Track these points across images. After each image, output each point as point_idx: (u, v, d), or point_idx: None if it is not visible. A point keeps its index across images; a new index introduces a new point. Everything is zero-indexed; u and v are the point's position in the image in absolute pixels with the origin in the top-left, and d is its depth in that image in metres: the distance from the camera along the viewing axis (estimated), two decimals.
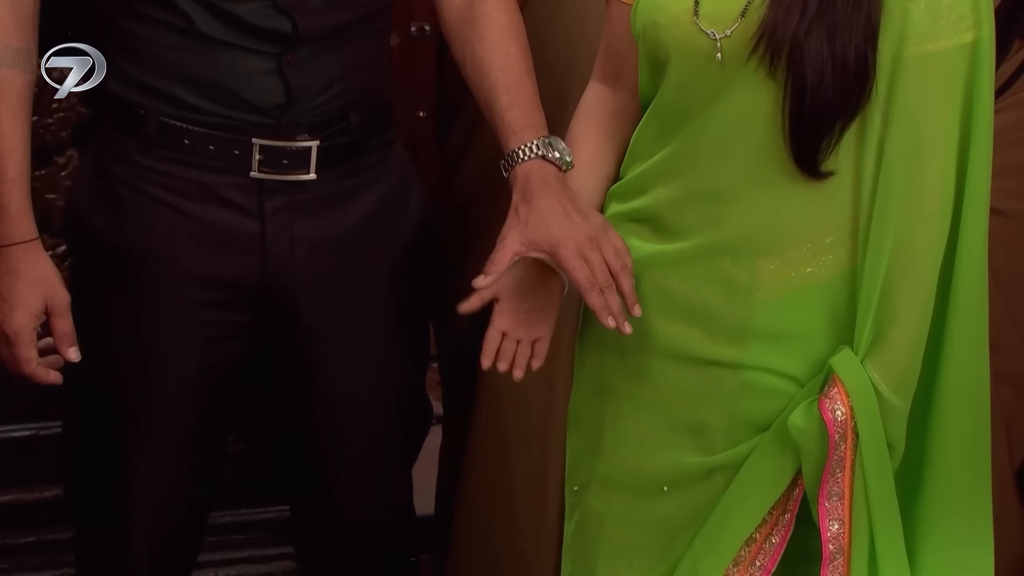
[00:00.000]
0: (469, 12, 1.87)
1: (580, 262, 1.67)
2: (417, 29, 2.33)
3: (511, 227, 1.71)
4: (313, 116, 1.81)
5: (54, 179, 2.26)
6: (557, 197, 1.72)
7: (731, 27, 1.61)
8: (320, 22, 1.78)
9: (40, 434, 2.53)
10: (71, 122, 2.30)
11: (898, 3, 1.57)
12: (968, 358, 1.67)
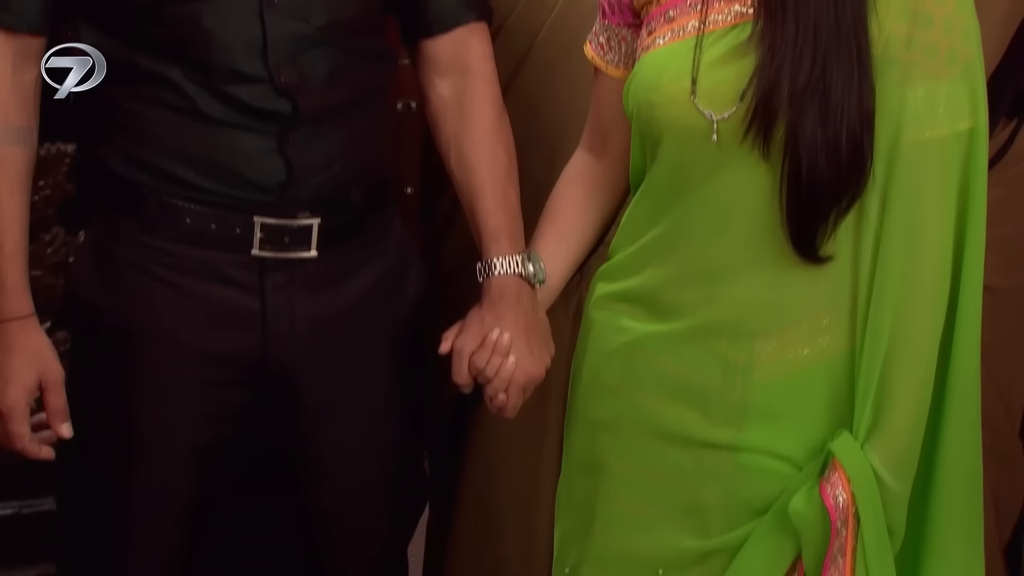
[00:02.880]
0: (457, 105, 1.93)
1: (517, 394, 1.88)
2: (404, 106, 2.37)
3: (470, 335, 1.85)
4: (314, 194, 1.85)
5: (40, 256, 2.28)
6: (524, 322, 1.86)
7: (729, 109, 1.64)
8: (320, 102, 1.82)
9: (23, 512, 2.53)
10: (57, 200, 2.33)
11: (895, 89, 1.62)
12: (965, 438, 1.71)
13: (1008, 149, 2.18)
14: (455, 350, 1.88)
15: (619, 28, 1.82)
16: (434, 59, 1.94)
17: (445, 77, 1.94)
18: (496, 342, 1.85)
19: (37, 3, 1.78)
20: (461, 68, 1.94)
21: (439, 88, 1.95)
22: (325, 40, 1.81)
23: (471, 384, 1.90)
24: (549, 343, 1.92)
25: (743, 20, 1.66)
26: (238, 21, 1.76)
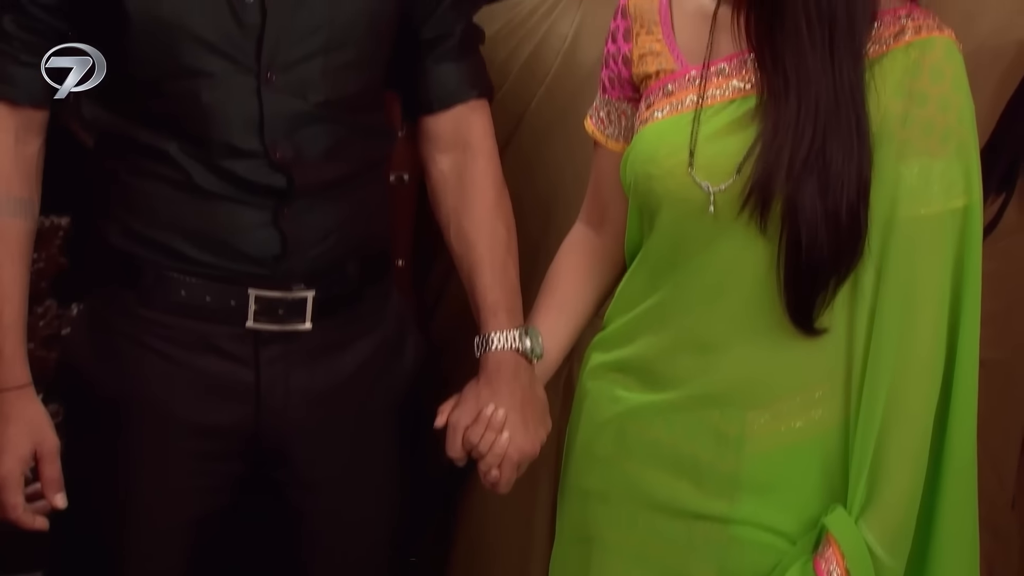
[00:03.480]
0: (458, 180, 1.95)
1: (510, 471, 1.87)
2: (396, 178, 2.38)
3: (465, 410, 1.86)
4: (309, 267, 1.85)
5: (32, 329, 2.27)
6: (520, 397, 1.87)
7: (726, 182, 1.67)
8: (316, 176, 1.83)
9: None
10: (50, 273, 2.33)
11: (890, 165, 1.64)
12: (962, 514, 1.72)
13: (997, 223, 2.20)
14: (449, 424, 1.88)
15: (619, 102, 1.85)
16: (435, 135, 1.96)
17: (446, 153, 1.96)
18: (490, 418, 1.86)
19: (40, 79, 1.80)
20: (462, 144, 1.96)
21: (440, 164, 1.97)
22: (323, 117, 1.82)
23: (464, 458, 1.90)
24: (546, 419, 1.92)
25: (741, 95, 1.68)
26: (236, 98, 1.78)
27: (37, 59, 1.80)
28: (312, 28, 1.80)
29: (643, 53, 1.79)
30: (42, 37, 1.80)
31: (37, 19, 1.78)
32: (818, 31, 1.61)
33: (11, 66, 1.80)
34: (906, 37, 1.66)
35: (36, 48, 1.80)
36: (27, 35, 1.79)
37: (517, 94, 2.30)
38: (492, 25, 2.24)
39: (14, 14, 1.78)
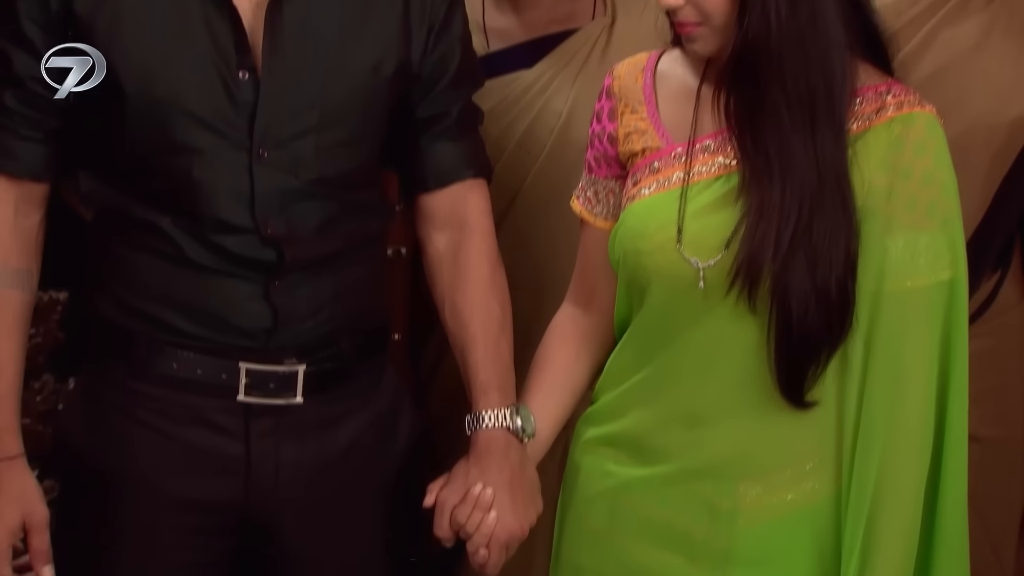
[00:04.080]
0: (453, 258, 1.96)
1: (499, 552, 1.86)
2: (394, 252, 2.39)
3: (453, 489, 1.86)
4: (301, 341, 1.86)
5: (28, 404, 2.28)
6: (509, 477, 1.86)
7: (715, 257, 1.69)
8: (308, 251, 1.84)
9: None
10: (48, 347, 2.34)
11: (876, 239, 1.66)
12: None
13: (994, 300, 2.21)
14: (437, 503, 1.87)
15: (606, 181, 1.87)
16: (431, 213, 1.97)
17: (442, 231, 1.97)
18: (479, 497, 1.85)
19: (40, 152, 1.83)
20: (458, 223, 1.96)
21: (436, 241, 1.98)
22: (316, 193, 1.84)
23: (452, 539, 1.89)
24: (536, 499, 1.91)
25: (727, 172, 1.70)
26: (227, 174, 1.80)
27: (37, 133, 1.83)
28: (305, 106, 1.81)
29: (629, 131, 1.81)
30: (42, 112, 1.82)
31: (37, 95, 1.81)
32: (798, 112, 1.65)
33: (11, 140, 1.82)
34: (888, 113, 1.69)
35: (35, 123, 1.82)
36: (27, 110, 1.82)
37: (512, 171, 2.32)
38: (487, 102, 2.25)
39: (14, 89, 1.81)
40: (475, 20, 2.36)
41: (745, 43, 1.64)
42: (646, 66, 1.84)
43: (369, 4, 1.86)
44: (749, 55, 1.64)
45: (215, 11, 1.77)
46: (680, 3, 1.68)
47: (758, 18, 1.63)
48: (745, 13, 1.64)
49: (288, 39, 1.79)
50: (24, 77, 1.80)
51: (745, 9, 1.64)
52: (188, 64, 1.77)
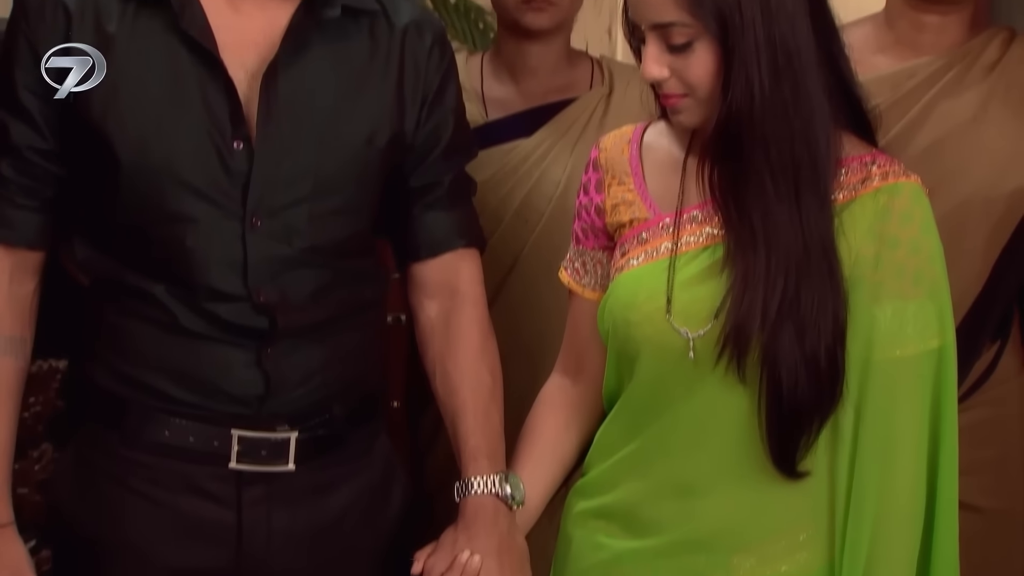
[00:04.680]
0: (444, 327, 1.97)
1: None
2: (393, 319, 2.40)
3: (440, 556, 1.85)
4: (293, 407, 1.86)
5: (27, 473, 2.29)
6: (498, 544, 1.86)
7: (704, 327, 1.69)
8: (300, 319, 1.85)
9: None
10: (47, 416, 2.35)
11: (864, 308, 1.67)
12: None
13: (993, 370, 2.20)
14: (424, 570, 1.87)
15: (594, 252, 1.88)
16: (423, 281, 1.99)
17: (433, 299, 1.98)
18: (465, 564, 1.84)
19: (36, 221, 1.85)
20: (449, 291, 1.98)
21: (427, 309, 1.99)
22: (308, 262, 1.85)
23: None
24: (524, 568, 1.90)
25: (715, 242, 1.71)
26: (220, 243, 1.81)
27: (33, 202, 1.84)
28: (299, 176, 1.83)
29: (616, 203, 1.82)
30: (38, 181, 1.84)
31: (33, 164, 1.83)
32: (782, 182, 1.65)
33: (7, 209, 1.84)
34: (874, 183, 1.70)
35: (32, 191, 1.84)
36: (23, 179, 1.83)
37: (509, 239, 2.34)
38: (485, 171, 2.29)
39: (11, 159, 1.83)
40: (474, 89, 2.40)
41: (729, 115, 1.65)
42: (632, 138, 1.85)
43: (364, 75, 1.88)
44: (733, 126, 1.66)
45: (211, 81, 1.79)
46: (665, 76, 1.69)
47: (742, 90, 1.64)
48: (729, 85, 1.65)
49: (283, 109, 1.81)
50: (21, 147, 1.82)
51: (729, 81, 1.65)
52: (183, 133, 1.79)
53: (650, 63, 1.69)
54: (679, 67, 1.68)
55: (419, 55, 1.91)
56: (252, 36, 1.82)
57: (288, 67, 1.81)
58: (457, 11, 4.05)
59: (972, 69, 2.17)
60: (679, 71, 1.68)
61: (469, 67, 2.45)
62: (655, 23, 1.67)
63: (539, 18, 2.35)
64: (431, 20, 1.97)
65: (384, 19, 1.90)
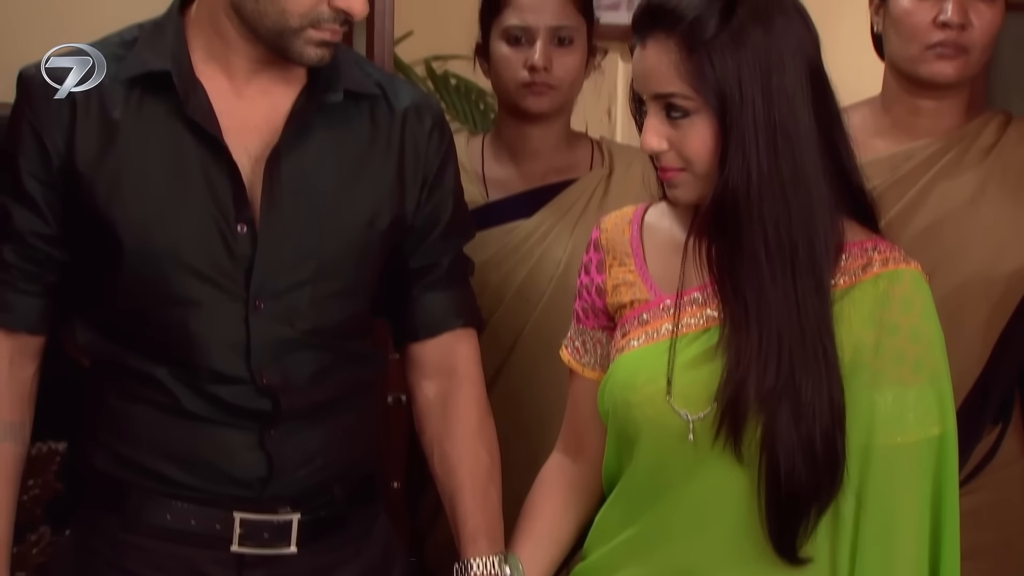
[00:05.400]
0: (441, 407, 1.98)
1: None
2: (394, 399, 2.41)
3: None
4: (295, 489, 1.87)
5: (24, 557, 2.29)
6: None
7: (704, 410, 1.69)
8: (303, 400, 1.86)
9: None
10: (45, 499, 2.34)
11: (865, 394, 1.67)
12: None
13: (995, 454, 2.20)
14: None
15: (594, 331, 1.88)
16: (421, 362, 2.00)
17: (431, 379, 1.99)
18: None
19: (37, 305, 1.86)
20: (447, 371, 1.98)
21: (425, 390, 2.00)
22: (310, 344, 1.86)
23: None
24: None
25: (715, 324, 1.72)
26: (223, 326, 1.82)
27: (35, 287, 1.85)
28: (302, 258, 1.84)
29: (617, 283, 1.83)
30: (40, 266, 1.85)
31: (36, 249, 1.84)
32: (778, 262, 1.66)
33: (9, 293, 1.85)
34: (874, 269, 1.71)
35: (34, 276, 1.85)
36: (26, 264, 1.84)
37: (509, 320, 2.35)
38: (487, 251, 2.30)
39: (13, 244, 1.84)
40: (474, 170, 2.43)
41: (725, 191, 1.67)
42: (633, 219, 1.86)
43: (365, 158, 1.90)
44: (729, 203, 1.67)
45: (215, 165, 1.81)
46: (664, 148, 1.71)
47: (738, 168, 1.65)
48: (726, 162, 1.66)
49: (286, 193, 1.83)
50: (24, 232, 1.83)
51: (726, 158, 1.66)
52: (187, 218, 1.81)
53: (649, 134, 1.71)
54: (677, 140, 1.70)
55: (419, 138, 1.94)
56: (255, 121, 1.84)
57: (291, 151, 1.83)
58: (458, 92, 4.08)
59: (969, 152, 2.19)
60: (677, 144, 1.70)
61: (470, 149, 2.47)
62: (657, 93, 1.69)
63: (539, 102, 2.37)
64: (430, 103, 2.00)
65: (384, 102, 1.92)
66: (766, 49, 1.65)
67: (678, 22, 1.66)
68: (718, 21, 1.65)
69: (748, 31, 1.65)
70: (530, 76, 2.35)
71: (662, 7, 1.68)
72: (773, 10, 1.67)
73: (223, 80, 1.84)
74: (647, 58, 1.70)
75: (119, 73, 1.82)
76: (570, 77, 2.38)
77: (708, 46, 1.65)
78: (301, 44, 1.79)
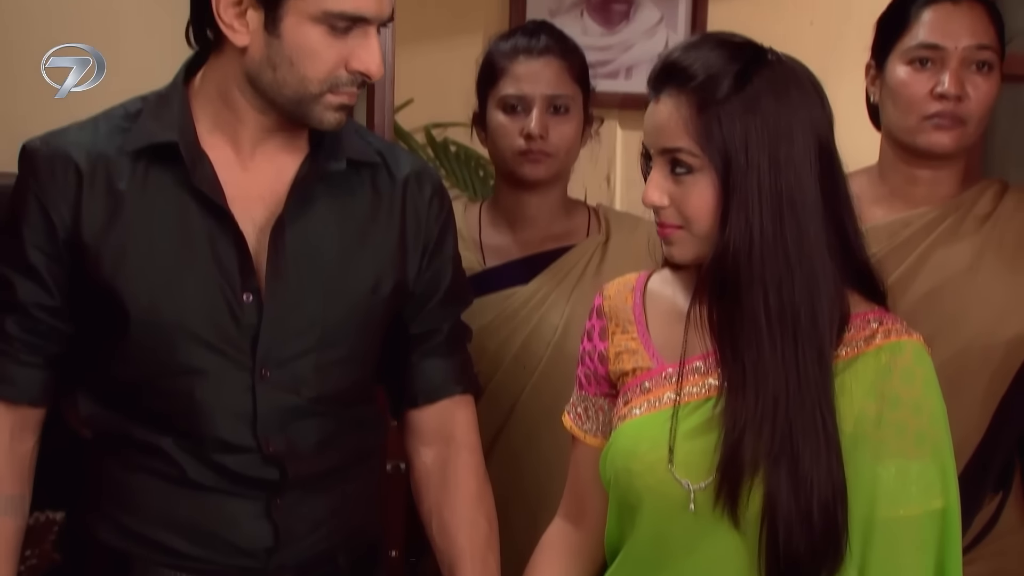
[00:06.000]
0: (440, 474, 1.99)
1: None
2: (393, 467, 2.40)
3: None
4: (300, 558, 1.87)
5: None
6: None
7: (706, 479, 1.69)
8: (309, 468, 1.86)
9: None
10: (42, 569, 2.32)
11: (867, 466, 1.67)
12: None
13: (995, 523, 2.19)
14: None
15: (596, 398, 1.88)
16: (419, 428, 2.01)
17: (429, 446, 2.00)
18: None
19: (39, 377, 1.86)
20: (445, 438, 2.00)
21: (423, 456, 2.01)
22: (315, 411, 1.87)
23: None
24: None
25: (717, 393, 1.72)
26: (230, 394, 1.83)
27: (38, 358, 1.86)
28: (307, 326, 1.85)
29: (619, 351, 1.83)
30: (44, 338, 1.85)
31: (40, 321, 1.85)
32: (778, 326, 1.66)
33: (11, 366, 1.85)
34: (876, 341, 1.71)
35: (37, 349, 1.85)
36: (29, 336, 1.85)
37: (507, 386, 2.35)
38: (484, 317, 2.31)
39: (17, 316, 1.84)
40: (472, 237, 2.44)
41: (725, 252, 1.67)
42: (635, 286, 1.87)
43: (367, 225, 1.91)
44: (730, 264, 1.67)
45: (221, 235, 1.82)
46: (664, 203, 1.71)
47: (740, 231, 1.66)
48: (726, 223, 1.67)
49: (290, 261, 1.84)
50: (28, 304, 1.84)
51: (727, 219, 1.67)
52: (193, 287, 1.82)
53: (652, 188, 1.72)
54: (679, 197, 1.70)
55: (420, 205, 1.95)
56: (259, 190, 1.86)
57: (295, 220, 1.85)
58: (458, 159, 4.10)
59: (966, 220, 2.20)
60: (678, 201, 1.70)
61: (467, 216, 2.48)
62: (664, 148, 1.71)
63: (536, 169, 2.38)
64: (429, 171, 2.02)
65: (385, 170, 1.94)
66: (776, 118, 1.67)
67: (692, 79, 1.68)
68: (732, 84, 1.66)
69: (761, 98, 1.66)
70: (527, 144, 2.37)
71: (679, 64, 1.70)
72: (790, 83, 1.69)
73: (228, 150, 1.86)
74: (659, 112, 1.71)
75: (125, 145, 1.83)
76: (566, 145, 2.40)
77: (719, 106, 1.66)
78: (321, 110, 1.81)
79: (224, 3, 1.77)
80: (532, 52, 2.39)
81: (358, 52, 1.78)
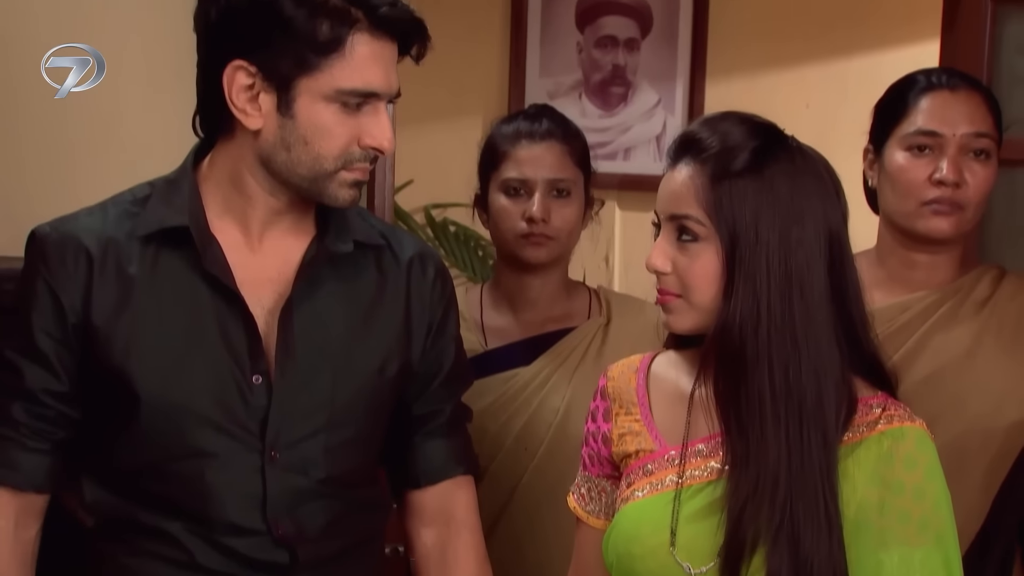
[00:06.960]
0: (440, 555, 2.00)
1: None
2: (391, 550, 2.39)
3: None
4: None
5: None
6: None
7: (708, 564, 1.69)
8: (317, 551, 1.86)
9: None
10: None
11: (870, 552, 1.67)
12: None
13: None
14: None
15: (600, 479, 1.89)
16: (420, 509, 2.01)
17: (430, 527, 2.01)
18: None
19: (45, 463, 1.86)
20: (446, 519, 2.00)
21: (423, 537, 2.01)
22: (323, 493, 1.87)
23: None
24: None
25: (719, 476, 1.71)
26: (239, 476, 1.83)
27: (44, 444, 1.85)
28: (316, 408, 1.86)
29: (623, 433, 1.84)
30: (51, 424, 1.85)
31: (48, 407, 1.85)
32: (783, 408, 1.67)
33: (17, 452, 1.85)
34: (879, 426, 1.71)
35: (43, 435, 1.85)
36: (36, 422, 1.85)
37: (509, 467, 2.36)
38: (485, 398, 2.32)
39: (24, 402, 1.84)
40: (473, 319, 2.45)
41: (731, 323, 1.68)
42: (639, 368, 1.88)
43: (373, 306, 1.93)
44: (735, 337, 1.68)
45: (231, 318, 1.83)
46: (667, 269, 1.73)
47: (747, 306, 1.67)
48: (731, 296, 1.68)
49: (299, 343, 1.86)
50: (35, 390, 1.84)
51: (730, 292, 1.68)
52: (203, 370, 1.82)
53: (656, 253, 1.74)
54: (682, 265, 1.72)
55: (423, 287, 1.97)
56: (268, 273, 1.88)
57: (303, 302, 1.87)
58: (457, 240, 4.12)
59: (964, 305, 2.22)
60: (681, 269, 1.72)
61: (469, 298, 2.50)
62: (673, 214, 1.72)
63: (538, 252, 2.40)
64: (432, 253, 2.04)
65: (389, 252, 1.96)
66: (790, 201, 1.68)
67: (709, 149, 1.70)
68: (749, 159, 1.68)
69: (776, 179, 1.68)
70: (528, 227, 2.39)
71: (697, 135, 1.73)
72: (807, 171, 1.71)
73: (237, 233, 1.87)
74: (672, 179, 1.73)
75: (135, 229, 1.85)
76: (568, 228, 2.42)
77: (733, 179, 1.68)
78: (335, 187, 1.83)
79: (236, 89, 1.80)
80: (534, 136, 2.42)
81: (370, 127, 1.81)
